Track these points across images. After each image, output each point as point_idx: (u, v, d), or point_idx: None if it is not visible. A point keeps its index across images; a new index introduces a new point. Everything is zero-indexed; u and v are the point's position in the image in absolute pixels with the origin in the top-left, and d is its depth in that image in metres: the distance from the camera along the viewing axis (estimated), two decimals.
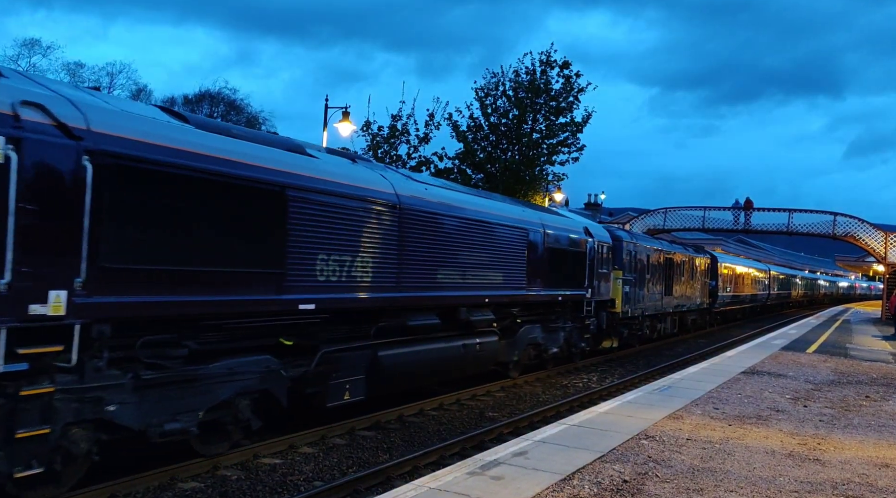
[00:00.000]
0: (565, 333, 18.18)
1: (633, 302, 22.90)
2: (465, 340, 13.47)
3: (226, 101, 55.86)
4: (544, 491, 6.63)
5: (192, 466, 8.64)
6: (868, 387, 14.91)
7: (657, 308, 26.10)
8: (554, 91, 28.37)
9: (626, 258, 22.43)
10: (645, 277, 24.47)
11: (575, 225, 18.84)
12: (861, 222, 42.88)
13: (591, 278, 18.99)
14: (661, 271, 26.51)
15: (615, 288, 21.32)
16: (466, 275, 13.04)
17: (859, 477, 7.75)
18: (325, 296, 9.61)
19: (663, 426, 9.76)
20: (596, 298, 19.44)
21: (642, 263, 24.11)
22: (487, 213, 13.98)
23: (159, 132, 7.68)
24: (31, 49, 47.96)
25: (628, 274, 22.55)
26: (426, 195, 12.17)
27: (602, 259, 19.77)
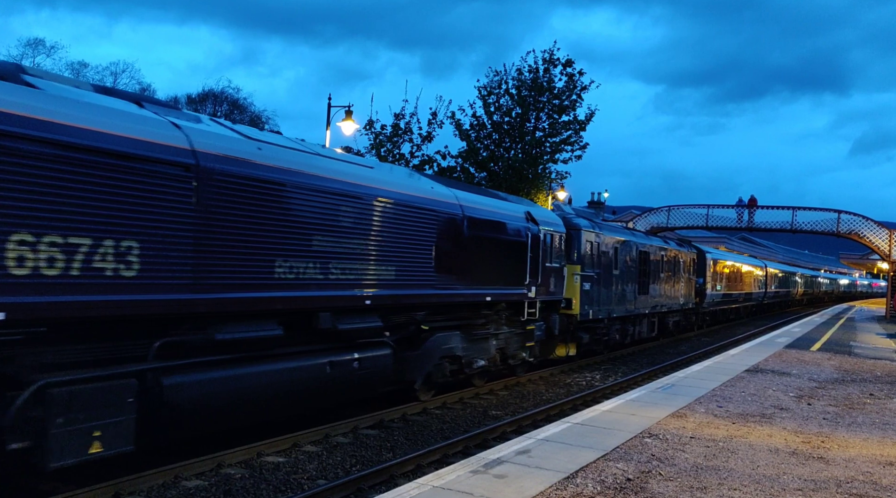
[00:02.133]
0: (499, 341, 14.95)
1: (596, 302, 19.80)
2: (335, 357, 10.27)
3: (229, 100, 55.93)
4: (548, 489, 6.63)
5: (196, 464, 8.66)
6: (872, 385, 14.88)
7: (629, 309, 22.83)
8: (557, 89, 28.35)
9: (587, 251, 19.37)
10: (612, 274, 21.16)
11: (512, 209, 15.42)
12: (865, 220, 42.79)
13: (536, 274, 15.64)
14: (634, 267, 23.20)
15: (571, 286, 18.23)
16: (332, 268, 9.90)
17: (863, 475, 7.73)
18: (29, 299, 6.40)
19: (667, 425, 9.75)
20: (543, 298, 16.22)
21: (609, 257, 20.86)
22: (368, 187, 10.70)
23: None
24: (35, 49, 48.08)
25: (589, 269, 19.34)
26: (255, 155, 8.85)
27: (552, 251, 16.49)
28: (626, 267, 22.44)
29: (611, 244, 21.25)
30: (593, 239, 19.88)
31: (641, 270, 23.94)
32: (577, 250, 18.87)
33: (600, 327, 20.56)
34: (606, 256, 20.73)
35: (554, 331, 17.50)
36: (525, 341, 16.07)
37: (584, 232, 19.23)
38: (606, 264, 20.68)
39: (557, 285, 17.12)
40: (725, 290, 38.11)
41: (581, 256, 18.97)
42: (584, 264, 19.04)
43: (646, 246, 24.87)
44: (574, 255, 18.70)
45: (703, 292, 32.98)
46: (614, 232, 22.52)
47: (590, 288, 19.35)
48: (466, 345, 13.75)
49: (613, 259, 21.30)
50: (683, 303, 29.79)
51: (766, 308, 55.20)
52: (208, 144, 8.23)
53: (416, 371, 12.45)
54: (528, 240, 15.34)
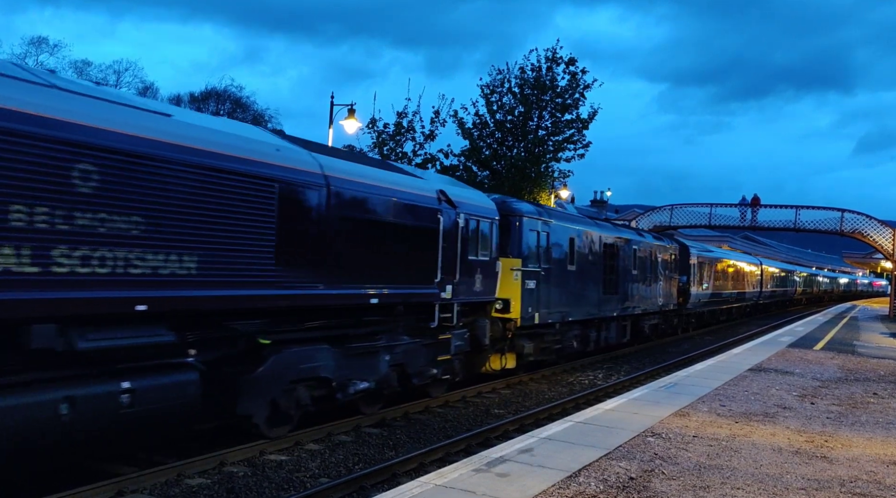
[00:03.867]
0: (395, 356, 11.65)
1: (545, 304, 16.51)
2: (81, 389, 6.98)
3: (232, 98, 55.95)
4: (550, 488, 6.62)
5: (198, 462, 8.66)
6: (876, 384, 14.85)
7: (591, 312, 19.56)
8: (560, 88, 28.35)
9: (532, 242, 16.11)
10: (567, 270, 17.96)
11: (415, 186, 12.15)
12: (869, 219, 42.71)
13: (453, 269, 12.68)
14: (598, 263, 20.02)
15: (509, 284, 15.05)
16: (58, 255, 6.67)
17: (867, 475, 7.71)
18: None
19: (669, 423, 9.74)
20: (465, 299, 13.27)
21: (562, 251, 17.78)
22: (147, 141, 7.56)
23: None
24: (38, 47, 48.13)
25: (534, 264, 16.09)
26: None
27: (479, 241, 13.53)
28: (586, 262, 19.23)
29: (565, 235, 18.02)
30: (540, 228, 16.53)
31: (608, 267, 20.70)
32: (518, 241, 15.58)
33: (550, 333, 17.23)
34: (559, 249, 17.59)
35: (482, 339, 14.20)
36: (437, 354, 12.64)
37: (525, 219, 15.92)
38: (559, 259, 17.53)
39: (487, 283, 13.98)
40: (714, 289, 34.85)
41: (523, 248, 15.69)
42: (527, 258, 15.79)
43: (613, 238, 21.50)
44: (513, 247, 15.47)
45: (687, 292, 29.74)
46: (570, 221, 19.06)
47: (535, 287, 16.01)
48: (340, 362, 10.40)
49: (569, 253, 18.11)
50: (663, 304, 26.39)
51: (761, 309, 52.07)
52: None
53: (253, 401, 9.21)
54: (440, 226, 12.23)
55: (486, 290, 14.13)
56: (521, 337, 15.87)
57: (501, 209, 15.17)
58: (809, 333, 28.70)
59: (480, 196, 14.84)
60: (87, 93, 7.49)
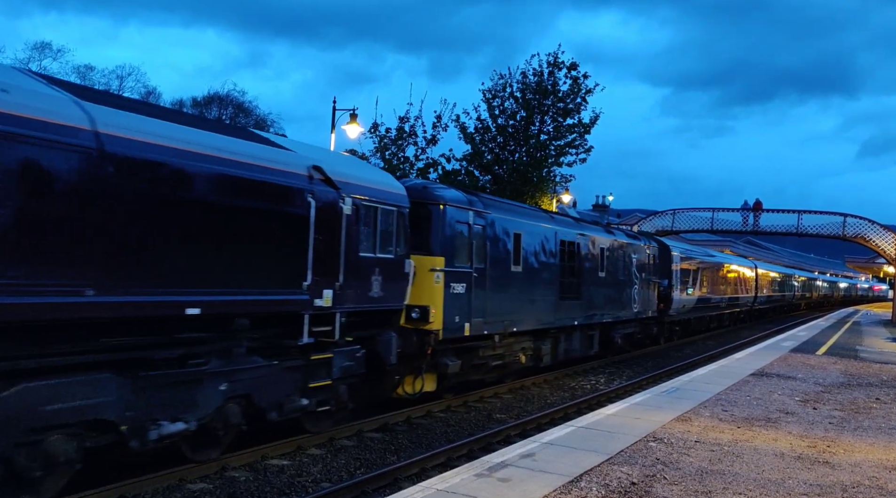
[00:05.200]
0: (234, 384, 8.74)
1: (478, 311, 13.64)
2: None
3: (234, 103, 56.06)
4: (552, 493, 6.62)
5: (200, 467, 8.67)
6: (878, 389, 14.82)
7: (545, 321, 16.71)
8: (561, 92, 28.38)
9: (461, 237, 13.33)
10: (512, 272, 15.11)
11: (272, 157, 9.18)
12: (871, 223, 42.67)
13: (334, 269, 9.98)
14: (554, 263, 17.18)
15: (427, 288, 12.45)
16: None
17: (869, 480, 7.70)
18: None
19: (671, 428, 9.73)
20: (355, 308, 10.54)
21: (505, 248, 14.88)
22: None
23: None
24: (41, 52, 48.28)
25: (463, 264, 13.27)
26: None
27: (377, 234, 11.03)
28: (538, 262, 16.37)
29: (509, 230, 15.02)
30: (472, 221, 13.61)
31: (567, 268, 17.85)
32: (441, 236, 12.78)
33: (487, 347, 14.40)
34: (501, 245, 14.70)
35: (387, 357, 11.43)
36: (309, 380, 9.86)
37: (451, 209, 13.05)
38: (500, 258, 14.63)
39: (391, 287, 11.31)
40: (701, 294, 31.65)
41: (448, 244, 12.91)
42: (453, 256, 13.00)
43: (574, 235, 18.46)
44: (434, 242, 12.73)
45: (669, 297, 26.64)
46: (515, 213, 15.92)
47: (466, 291, 13.24)
48: (131, 397, 7.61)
49: (513, 251, 15.14)
50: (640, 310, 23.33)
51: (756, 315, 48.75)
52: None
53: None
54: (311, 212, 9.49)
55: (391, 295, 11.31)
56: (444, 353, 12.92)
57: (416, 196, 12.58)
58: (812, 337, 28.67)
59: (382, 178, 12.10)
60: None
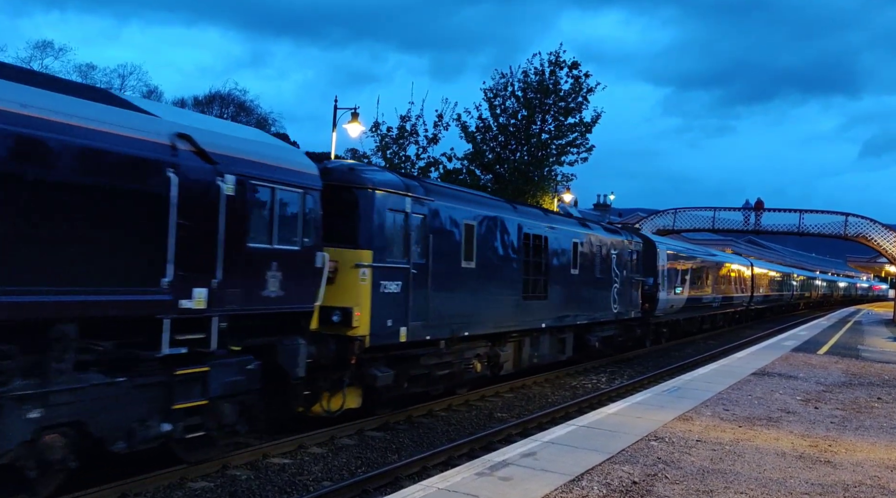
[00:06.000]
0: (55, 409, 6.87)
1: (419, 313, 11.84)
2: None
3: (236, 102, 56.10)
4: (553, 492, 6.62)
5: (201, 465, 8.67)
6: (880, 389, 14.81)
7: (504, 323, 14.84)
8: (563, 91, 28.36)
9: (395, 228, 11.51)
10: (462, 268, 13.28)
11: (120, 120, 7.43)
12: (873, 223, 42.66)
13: (208, 263, 8.19)
14: (517, 259, 15.30)
15: (349, 286, 10.60)
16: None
17: (871, 479, 7.70)
18: None
19: (673, 427, 9.73)
20: (239, 310, 8.64)
21: (454, 241, 13.05)
22: None
23: None
24: (43, 51, 48.31)
25: (398, 258, 11.48)
26: None
27: (272, 220, 9.07)
28: (495, 258, 14.43)
29: (458, 220, 13.16)
30: (410, 209, 11.77)
31: (532, 264, 15.96)
32: (368, 226, 10.96)
33: (432, 355, 12.55)
34: (448, 238, 12.88)
35: (293, 370, 9.50)
36: (173, 400, 7.96)
37: (381, 194, 11.15)
38: (448, 252, 12.81)
39: (296, 285, 9.43)
40: (691, 293, 29.55)
41: (378, 235, 11.03)
42: (384, 250, 11.15)
43: (540, 228, 16.50)
44: (362, 233, 10.91)
45: (655, 296, 24.64)
46: (465, 201, 13.87)
47: (402, 290, 11.49)
48: None
49: (464, 244, 13.31)
50: (621, 311, 21.36)
51: (752, 315, 46.49)
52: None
53: None
54: (173, 191, 7.71)
55: (295, 294, 9.44)
56: (373, 362, 11.07)
57: (340, 178, 10.89)
58: (813, 337, 28.65)
59: (284, 153, 9.80)
60: None
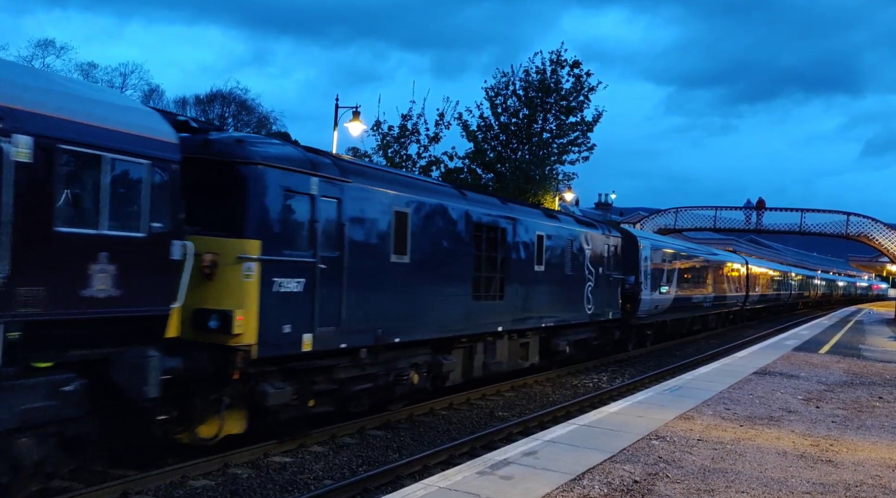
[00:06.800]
0: None
1: (329, 316, 9.93)
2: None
3: (237, 101, 56.09)
4: (554, 491, 6.62)
5: (203, 464, 8.68)
6: (881, 388, 14.80)
7: (450, 326, 12.95)
8: (564, 90, 28.37)
9: (297, 214, 9.58)
10: (391, 264, 11.36)
11: None
12: (874, 222, 42.64)
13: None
14: (465, 253, 13.35)
15: (231, 285, 8.71)
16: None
17: (872, 479, 7.69)
18: None
19: (674, 427, 9.72)
20: (48, 314, 6.57)
21: (378, 231, 11.10)
22: None
23: None
24: (44, 50, 48.34)
25: (302, 251, 9.55)
26: None
27: (96, 199, 7.05)
28: (435, 251, 12.50)
29: (385, 206, 11.23)
30: (315, 191, 9.75)
31: (486, 260, 13.99)
32: (255, 210, 9.01)
33: (345, 367, 10.53)
34: (369, 228, 10.93)
35: (138, 390, 7.48)
36: None
37: (273, 172, 9.18)
38: (369, 244, 10.91)
39: (139, 281, 7.47)
40: (679, 292, 27.48)
41: (267, 222, 9.09)
42: (279, 240, 9.19)
43: (495, 218, 14.43)
44: (246, 219, 8.92)
45: (636, 296, 22.60)
46: (394, 184, 11.78)
47: (307, 289, 9.54)
48: None
49: (394, 235, 11.43)
50: (596, 312, 19.33)
51: (748, 316, 44.59)
52: None
53: None
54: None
55: (139, 294, 7.47)
56: (264, 377, 9.17)
57: (220, 151, 9.03)
58: (814, 336, 28.63)
59: (124, 114, 7.60)
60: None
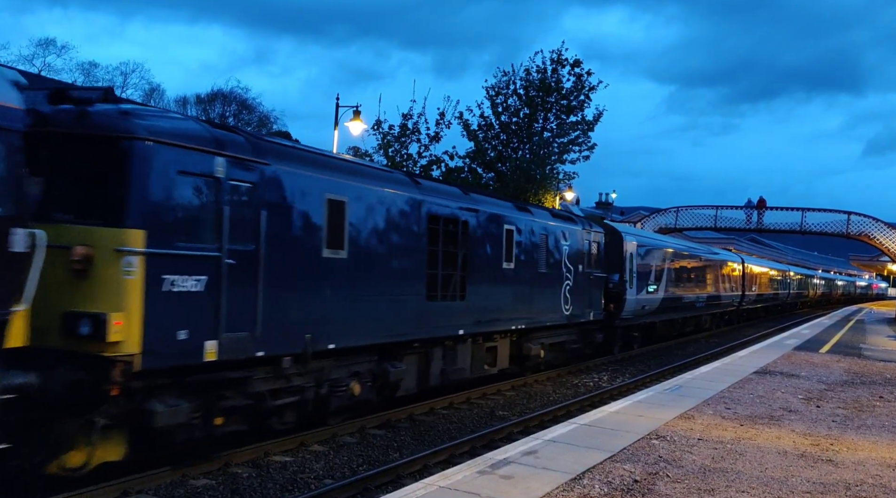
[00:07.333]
0: None
1: (239, 322, 8.49)
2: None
3: (238, 100, 56.10)
4: (554, 490, 6.62)
5: (203, 463, 8.68)
6: (882, 387, 14.80)
7: (399, 330, 11.55)
8: (565, 89, 28.37)
9: (190, 197, 8.11)
10: (323, 259, 9.93)
11: None
12: (875, 221, 42.63)
13: None
14: (420, 248, 12.00)
15: (108, 283, 7.37)
16: None
17: (873, 478, 7.69)
18: None
19: (674, 426, 9.72)
20: None
21: (307, 222, 9.70)
22: None
23: None
24: (45, 49, 48.39)
25: (205, 244, 8.18)
26: None
27: None
28: (380, 246, 11.11)
29: (314, 193, 9.78)
30: (221, 172, 8.30)
31: (444, 256, 12.61)
32: (139, 193, 7.60)
33: (263, 379, 9.15)
34: (296, 217, 9.48)
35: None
36: None
37: (164, 149, 7.80)
38: (293, 237, 9.44)
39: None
40: (668, 291, 26.11)
41: (154, 208, 7.71)
42: (170, 230, 7.80)
43: (453, 210, 13.02)
44: (128, 205, 7.53)
45: (621, 296, 21.30)
46: (326, 169, 10.30)
47: (205, 289, 8.10)
48: None
49: (328, 227, 9.95)
50: (575, 313, 18.11)
51: (745, 316, 43.09)
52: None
53: None
54: None
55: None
56: (154, 392, 7.91)
57: (94, 124, 7.67)
58: (815, 336, 28.62)
59: None
60: None
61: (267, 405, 9.33)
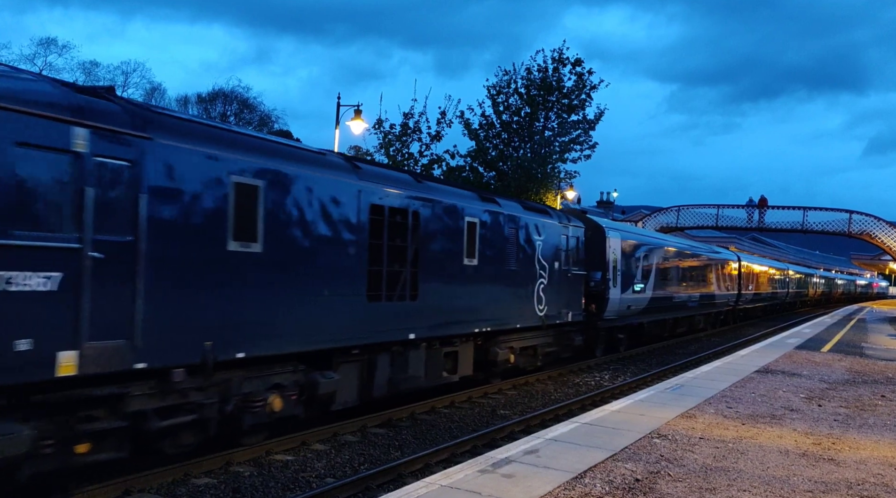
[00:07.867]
0: None
1: (110, 327, 7.13)
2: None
3: (239, 99, 56.06)
4: (556, 489, 6.62)
5: (205, 462, 8.69)
6: (884, 386, 14.78)
7: (333, 335, 10.25)
8: (566, 88, 28.38)
9: (38, 174, 6.61)
10: (229, 253, 8.57)
11: None
12: (877, 220, 42.59)
13: None
14: (359, 242, 10.68)
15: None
16: None
17: (874, 477, 7.68)
18: None
19: (676, 425, 9.72)
20: None
21: (208, 209, 8.32)
22: None
23: None
24: (47, 48, 48.38)
25: (56, 233, 6.76)
26: None
27: None
28: (305, 239, 9.76)
29: (216, 177, 8.42)
30: (81, 145, 6.98)
31: (389, 251, 11.39)
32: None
33: (144, 396, 7.81)
34: (190, 203, 8.14)
35: None
36: None
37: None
38: (188, 225, 8.12)
39: None
40: (658, 290, 24.75)
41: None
42: (0, 215, 6.38)
43: (403, 200, 11.73)
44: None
45: (603, 295, 19.98)
46: (233, 146, 8.83)
47: (58, 289, 6.76)
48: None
49: (234, 215, 8.63)
50: (550, 314, 16.78)
51: (741, 316, 41.82)
52: None
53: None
54: None
55: None
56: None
57: None
58: (817, 335, 28.60)
59: None
60: None
61: (151, 426, 7.82)
